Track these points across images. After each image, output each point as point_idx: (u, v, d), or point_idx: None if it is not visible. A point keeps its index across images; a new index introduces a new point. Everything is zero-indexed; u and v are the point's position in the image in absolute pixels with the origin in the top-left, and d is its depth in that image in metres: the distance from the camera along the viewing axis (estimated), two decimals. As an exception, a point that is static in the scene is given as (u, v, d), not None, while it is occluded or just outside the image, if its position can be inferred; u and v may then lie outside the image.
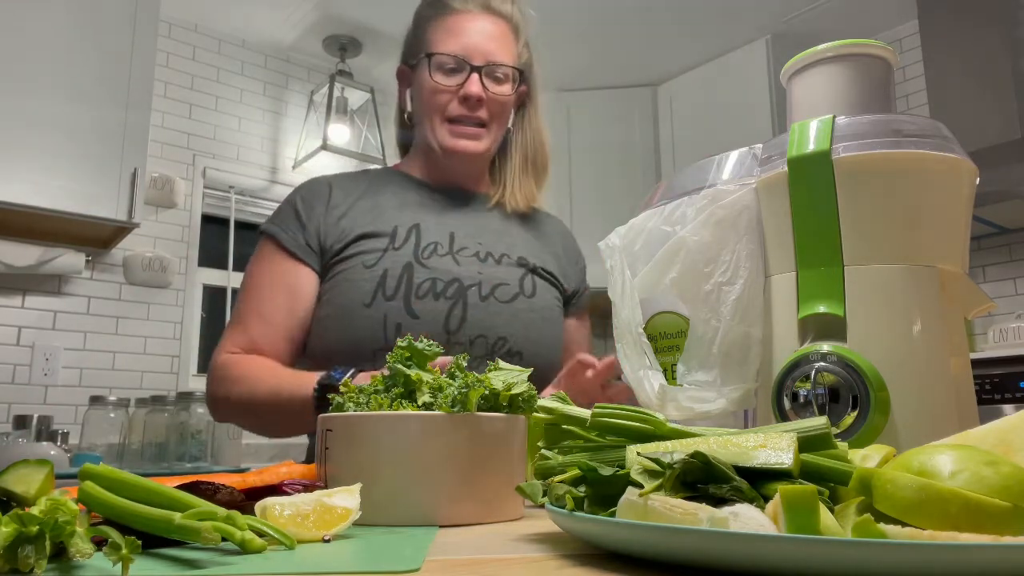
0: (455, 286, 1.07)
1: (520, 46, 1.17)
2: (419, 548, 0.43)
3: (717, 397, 0.66)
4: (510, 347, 1.09)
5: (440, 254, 1.10)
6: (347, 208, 1.13)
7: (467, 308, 1.06)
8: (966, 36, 2.76)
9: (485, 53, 1.10)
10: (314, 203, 1.13)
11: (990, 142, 2.55)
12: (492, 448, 0.57)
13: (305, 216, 1.11)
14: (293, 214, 1.12)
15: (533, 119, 1.21)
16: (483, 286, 1.09)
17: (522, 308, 1.11)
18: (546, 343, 1.14)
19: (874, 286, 0.61)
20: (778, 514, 0.33)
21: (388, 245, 1.08)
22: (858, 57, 0.69)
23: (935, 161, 0.63)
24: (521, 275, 1.13)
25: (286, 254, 1.09)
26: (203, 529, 0.38)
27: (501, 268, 1.13)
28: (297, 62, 3.52)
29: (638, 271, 0.74)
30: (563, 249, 1.26)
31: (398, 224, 1.11)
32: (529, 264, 1.15)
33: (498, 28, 1.13)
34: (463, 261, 1.10)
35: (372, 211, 1.13)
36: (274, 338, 1.08)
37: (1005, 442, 0.40)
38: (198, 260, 3.15)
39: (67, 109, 2.42)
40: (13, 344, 2.69)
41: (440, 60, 1.10)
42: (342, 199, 1.14)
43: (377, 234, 1.09)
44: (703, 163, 0.74)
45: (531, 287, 1.13)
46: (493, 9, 1.13)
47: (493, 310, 1.09)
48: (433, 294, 1.05)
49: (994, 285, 2.89)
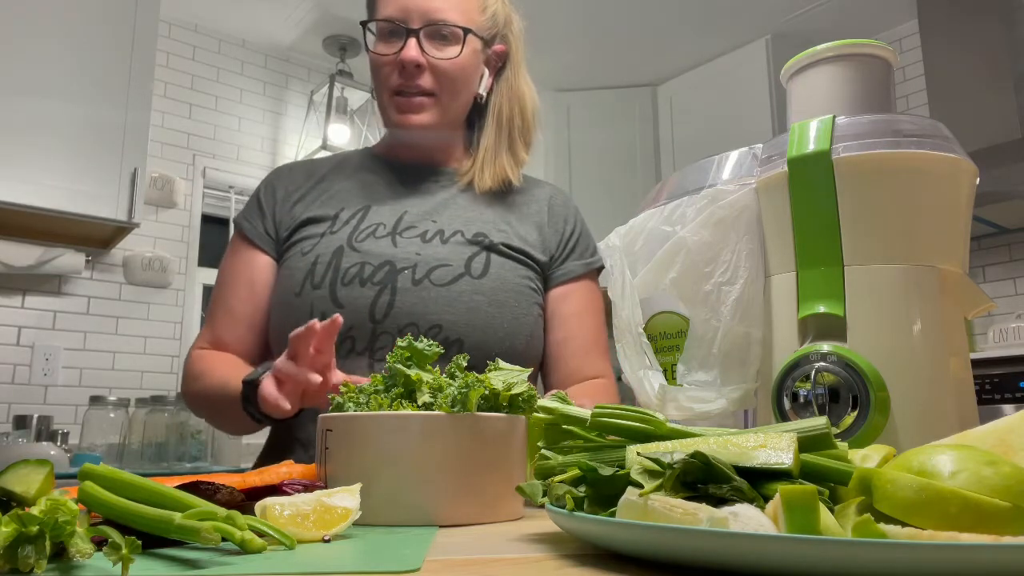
0: (385, 270, 0.98)
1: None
2: (419, 548, 0.43)
3: (717, 397, 0.66)
4: (447, 335, 0.97)
5: (378, 236, 1.01)
6: (303, 193, 1.08)
7: (395, 293, 0.97)
8: (966, 36, 2.76)
9: (425, 12, 0.99)
10: (275, 190, 1.09)
11: (990, 142, 2.55)
12: (492, 448, 0.57)
13: (265, 204, 1.08)
14: (256, 203, 1.09)
15: (513, 83, 1.09)
16: (418, 268, 0.99)
17: (464, 291, 0.99)
18: (495, 329, 0.99)
19: (874, 286, 0.61)
20: (778, 514, 0.33)
21: (327, 229, 1.02)
22: (858, 57, 0.69)
23: (935, 161, 0.63)
24: (471, 254, 1.01)
25: (248, 244, 1.06)
26: (203, 529, 0.38)
27: (446, 247, 1.01)
28: (297, 62, 3.52)
29: (638, 271, 0.74)
30: (548, 216, 1.11)
31: (344, 206, 1.05)
32: (486, 241, 1.02)
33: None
34: (402, 243, 1.01)
35: (323, 194, 1.07)
36: (238, 330, 1.04)
37: (1005, 442, 0.40)
38: (198, 260, 3.15)
39: (67, 109, 2.42)
40: (13, 344, 2.69)
41: (377, 27, 1.02)
42: (302, 183, 1.09)
43: (320, 219, 1.04)
44: (703, 163, 0.74)
45: (481, 267, 1.00)
46: None
47: (427, 295, 0.97)
48: (360, 280, 0.98)
49: (994, 285, 2.89)
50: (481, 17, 1.04)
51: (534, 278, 1.06)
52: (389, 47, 1.00)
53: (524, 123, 1.10)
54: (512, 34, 1.10)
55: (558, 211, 1.12)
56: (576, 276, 1.10)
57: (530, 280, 1.05)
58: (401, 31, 0.99)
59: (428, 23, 0.99)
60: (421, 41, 0.99)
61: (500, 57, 1.08)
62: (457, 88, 1.03)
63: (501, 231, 1.05)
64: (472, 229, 1.03)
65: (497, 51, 1.08)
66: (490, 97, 1.09)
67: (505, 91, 1.09)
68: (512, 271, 1.03)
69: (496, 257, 1.02)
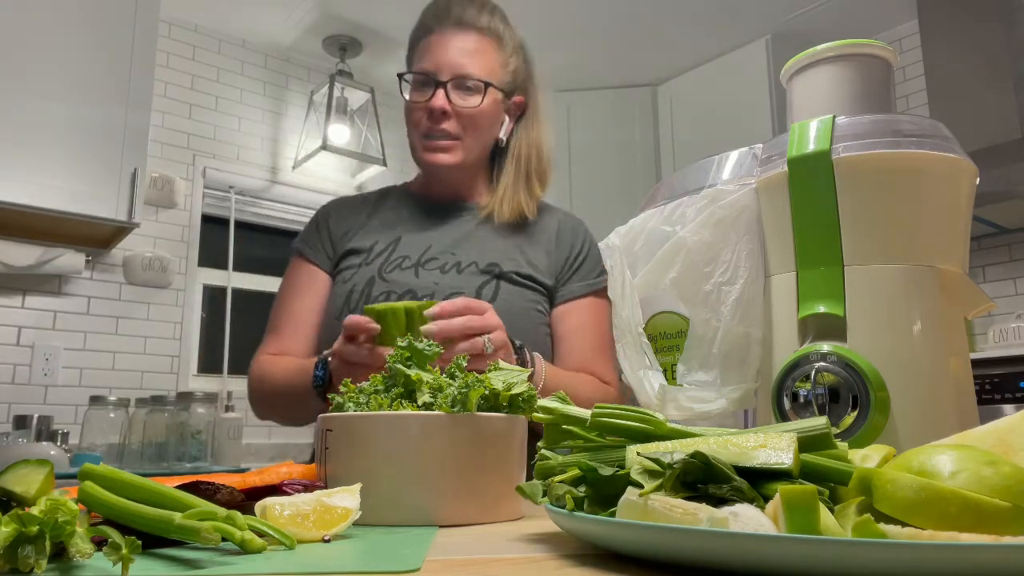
0: (407, 297, 1.09)
1: (506, 56, 1.19)
2: (419, 548, 0.43)
3: (717, 397, 0.66)
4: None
5: (404, 267, 1.13)
6: (350, 226, 1.22)
7: None
8: (966, 36, 2.76)
9: (454, 67, 1.13)
10: (330, 221, 1.24)
11: (990, 142, 2.55)
12: (492, 448, 0.57)
13: (324, 231, 1.23)
14: (315, 229, 1.24)
15: (532, 129, 1.23)
16: (435, 296, 1.09)
17: None
18: None
19: (874, 286, 0.61)
20: (778, 514, 0.33)
21: (363, 260, 1.16)
22: (858, 57, 0.69)
23: (935, 161, 0.63)
24: (482, 282, 1.12)
25: (311, 264, 1.20)
26: (203, 529, 0.38)
27: (461, 277, 1.12)
28: (297, 62, 3.52)
29: (638, 271, 0.74)
30: (556, 242, 1.21)
31: (379, 239, 1.18)
32: (497, 270, 1.13)
33: (473, 42, 1.15)
34: (424, 273, 1.13)
35: (364, 227, 1.21)
36: (303, 334, 1.15)
37: (1005, 442, 0.40)
38: (198, 260, 3.15)
39: (67, 109, 2.42)
40: (13, 344, 2.69)
41: (412, 78, 1.17)
42: (350, 216, 1.23)
43: (359, 251, 1.17)
44: (703, 163, 0.74)
45: (491, 293, 1.11)
46: (466, 24, 1.16)
47: None
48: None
49: (994, 285, 2.89)
50: (502, 72, 1.18)
51: (541, 301, 1.16)
52: (421, 95, 1.15)
53: (540, 165, 1.23)
54: (532, 86, 1.24)
55: (565, 236, 1.22)
56: (576, 296, 1.18)
57: (537, 303, 1.15)
58: (432, 82, 1.13)
59: (455, 76, 1.13)
60: (448, 91, 1.13)
61: (519, 107, 1.23)
62: (478, 132, 1.17)
63: (512, 260, 1.16)
64: (486, 259, 1.15)
65: (516, 101, 1.22)
66: (510, 140, 1.23)
67: (524, 136, 1.23)
68: (519, 296, 1.13)
69: (505, 284, 1.13)
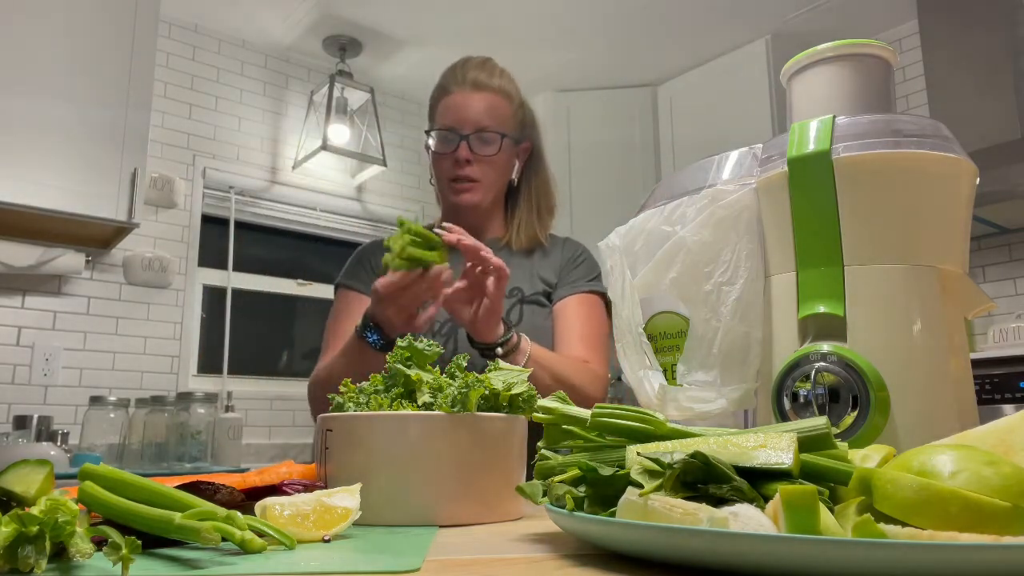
0: (448, 325, 1.27)
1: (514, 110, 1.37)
2: (419, 548, 0.43)
3: (717, 397, 0.66)
4: None
5: None
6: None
7: (457, 343, 1.25)
8: (966, 36, 2.76)
9: (474, 123, 1.31)
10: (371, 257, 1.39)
11: (990, 142, 2.55)
12: (492, 448, 0.57)
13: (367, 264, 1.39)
14: (358, 263, 1.40)
15: (540, 171, 1.43)
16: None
17: None
18: None
19: (874, 286, 0.61)
20: (778, 514, 0.33)
21: None
22: (858, 57, 0.69)
23: (935, 161, 0.63)
24: (509, 306, 1.29)
25: (359, 293, 1.34)
26: (203, 529, 0.38)
27: None
28: (297, 62, 3.52)
29: (638, 271, 0.74)
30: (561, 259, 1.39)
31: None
32: (519, 295, 1.32)
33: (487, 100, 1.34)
34: None
35: None
36: None
37: (1005, 442, 0.40)
38: (198, 260, 3.15)
39: (67, 109, 2.42)
40: (13, 344, 2.68)
41: (437, 133, 1.35)
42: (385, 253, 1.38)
43: None
44: (703, 163, 0.74)
45: (517, 316, 1.30)
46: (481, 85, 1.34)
47: None
48: (431, 332, 1.27)
49: (994, 285, 2.89)
50: (512, 123, 1.37)
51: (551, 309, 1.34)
52: (446, 147, 1.33)
53: (548, 199, 1.44)
54: (536, 133, 1.43)
55: (567, 253, 1.41)
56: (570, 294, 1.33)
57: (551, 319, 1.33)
58: (455, 136, 1.32)
59: (476, 130, 1.32)
60: (470, 143, 1.31)
61: (526, 151, 1.42)
62: (496, 175, 1.36)
63: (531, 284, 1.34)
64: (510, 285, 1.29)
65: (524, 147, 1.40)
66: (521, 180, 1.42)
67: (533, 176, 1.43)
68: (540, 315, 1.32)
69: (527, 307, 1.32)
